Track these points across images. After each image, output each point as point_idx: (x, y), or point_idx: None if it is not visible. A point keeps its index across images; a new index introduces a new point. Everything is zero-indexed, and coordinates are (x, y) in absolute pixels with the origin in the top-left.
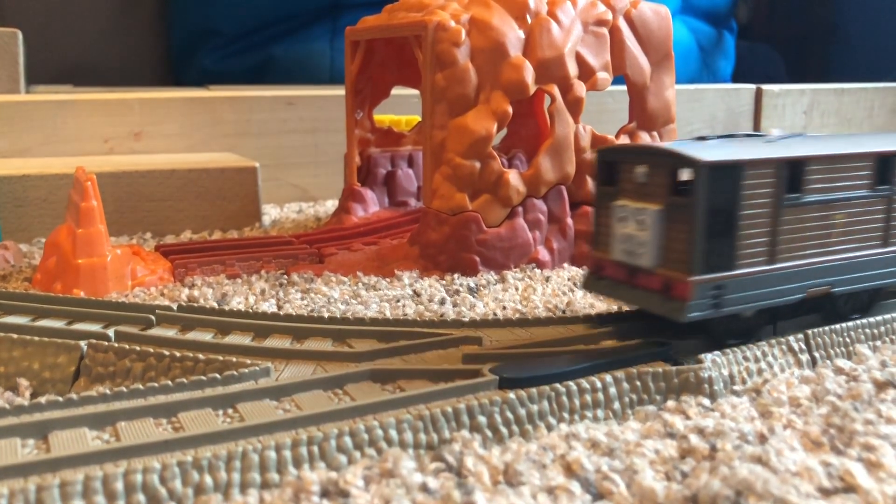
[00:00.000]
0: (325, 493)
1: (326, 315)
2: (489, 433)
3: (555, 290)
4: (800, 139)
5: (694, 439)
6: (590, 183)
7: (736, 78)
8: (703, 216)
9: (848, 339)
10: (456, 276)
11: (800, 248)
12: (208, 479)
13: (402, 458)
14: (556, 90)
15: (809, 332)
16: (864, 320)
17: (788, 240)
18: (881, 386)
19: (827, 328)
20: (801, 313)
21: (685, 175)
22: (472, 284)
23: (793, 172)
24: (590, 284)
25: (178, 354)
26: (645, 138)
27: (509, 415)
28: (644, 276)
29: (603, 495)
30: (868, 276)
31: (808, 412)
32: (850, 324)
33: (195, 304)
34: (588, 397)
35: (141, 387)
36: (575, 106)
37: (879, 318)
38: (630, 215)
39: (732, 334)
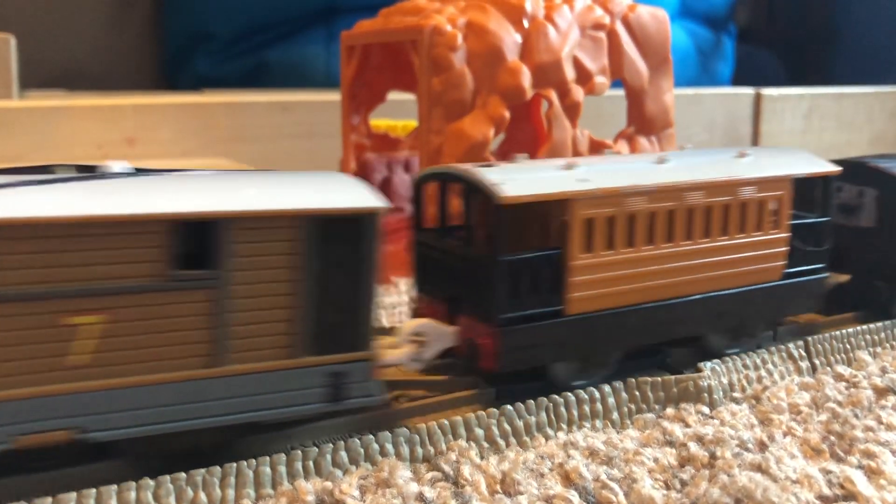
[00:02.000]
0: (320, 503)
1: None
2: (486, 445)
3: None
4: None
5: (693, 447)
6: None
7: (735, 82)
8: None
9: (848, 346)
10: None
11: None
12: (202, 497)
13: (398, 468)
14: (553, 94)
15: (809, 338)
16: (865, 326)
17: None
18: (881, 392)
19: (827, 334)
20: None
21: None
22: None
23: None
24: None
25: None
26: (643, 143)
27: (507, 427)
28: None
29: None
30: (170, 413)
31: (808, 419)
32: (851, 329)
33: None
34: (587, 408)
35: None
36: (572, 110)
37: (880, 324)
38: None
39: None
